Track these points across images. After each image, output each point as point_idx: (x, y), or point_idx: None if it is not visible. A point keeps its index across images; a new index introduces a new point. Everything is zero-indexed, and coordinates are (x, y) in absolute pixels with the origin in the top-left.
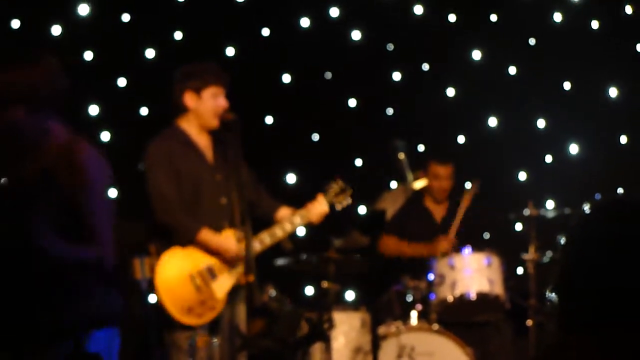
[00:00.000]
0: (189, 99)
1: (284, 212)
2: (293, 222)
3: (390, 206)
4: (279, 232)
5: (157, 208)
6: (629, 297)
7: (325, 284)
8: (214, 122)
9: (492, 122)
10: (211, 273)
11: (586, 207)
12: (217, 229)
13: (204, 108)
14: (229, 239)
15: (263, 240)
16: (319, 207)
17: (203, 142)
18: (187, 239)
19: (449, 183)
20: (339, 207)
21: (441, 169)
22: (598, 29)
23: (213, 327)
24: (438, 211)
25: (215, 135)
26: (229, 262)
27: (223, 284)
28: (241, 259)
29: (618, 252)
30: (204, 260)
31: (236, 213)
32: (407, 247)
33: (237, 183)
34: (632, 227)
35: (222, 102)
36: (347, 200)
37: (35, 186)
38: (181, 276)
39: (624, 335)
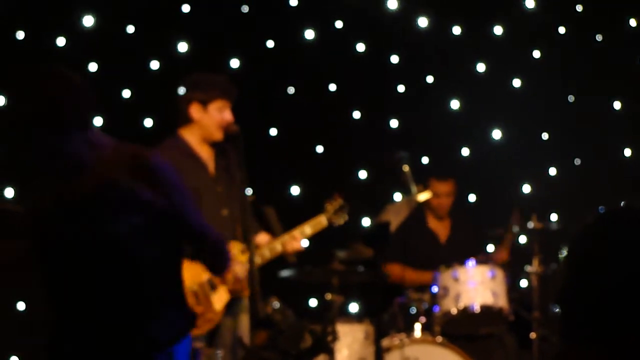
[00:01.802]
0: (195, 110)
1: (261, 237)
2: (273, 249)
3: (394, 218)
4: (261, 255)
5: None
6: (632, 307)
7: (329, 296)
8: (218, 135)
9: (496, 134)
10: (211, 285)
11: (589, 218)
12: None
13: (209, 121)
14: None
15: (263, 255)
16: (295, 244)
17: (205, 153)
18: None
19: (449, 200)
20: (336, 224)
21: (441, 187)
22: (602, 41)
23: (210, 338)
24: (442, 231)
25: (217, 146)
26: (227, 282)
27: (222, 296)
28: (240, 280)
29: (621, 262)
30: (205, 272)
31: (238, 225)
32: (412, 274)
33: (239, 195)
34: (634, 236)
35: (227, 116)
36: (345, 218)
37: (107, 199)
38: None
39: (627, 346)
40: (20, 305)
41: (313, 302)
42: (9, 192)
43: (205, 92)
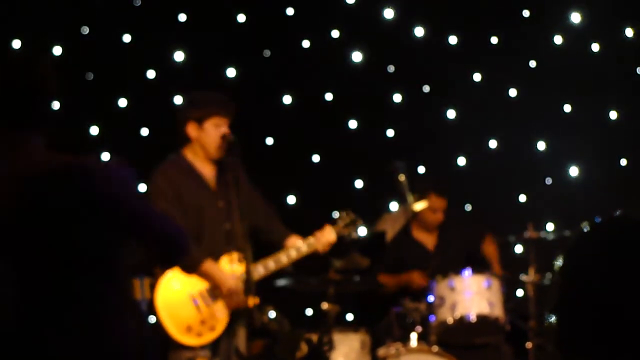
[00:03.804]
0: (191, 129)
1: (293, 240)
2: (299, 250)
3: (390, 228)
4: (283, 258)
5: None
6: (628, 316)
7: (325, 305)
8: (217, 153)
9: (493, 144)
10: (212, 294)
11: (584, 227)
12: (219, 255)
13: (207, 138)
14: (228, 275)
15: (267, 266)
16: (327, 236)
17: (207, 170)
18: (191, 268)
19: (442, 216)
20: (348, 238)
21: (439, 202)
22: (598, 51)
23: (215, 348)
24: (429, 240)
25: (219, 160)
26: (225, 296)
27: (223, 305)
28: (236, 294)
29: (616, 271)
30: (205, 283)
31: (238, 238)
32: (399, 278)
33: (237, 206)
34: (629, 245)
35: (224, 133)
36: (357, 232)
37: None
38: (182, 295)
39: (623, 356)
40: None
41: (309, 311)
42: None
43: (200, 109)
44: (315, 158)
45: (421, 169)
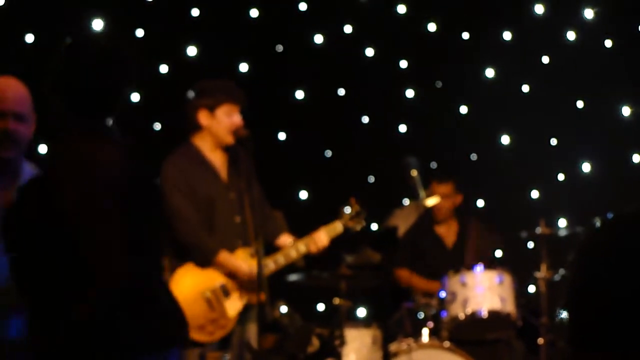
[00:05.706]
0: (203, 116)
1: (285, 239)
2: (298, 250)
3: (402, 223)
4: (281, 259)
5: (178, 229)
6: (639, 313)
7: (336, 301)
8: (228, 140)
9: (505, 139)
10: (225, 291)
11: (596, 223)
12: (231, 247)
13: (218, 126)
14: (244, 262)
15: (267, 266)
16: (322, 240)
17: (217, 159)
18: (206, 260)
19: (447, 202)
20: (353, 230)
21: (440, 188)
22: (611, 47)
23: (222, 344)
24: (449, 237)
25: (229, 152)
26: (244, 285)
27: (235, 302)
28: (254, 281)
29: (628, 268)
30: (218, 279)
31: (250, 231)
32: (419, 282)
33: (250, 199)
34: None
35: (236, 120)
36: (362, 224)
37: None
38: (194, 293)
39: (634, 352)
40: None
41: (321, 307)
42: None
43: (211, 97)
44: (328, 153)
45: (433, 165)
